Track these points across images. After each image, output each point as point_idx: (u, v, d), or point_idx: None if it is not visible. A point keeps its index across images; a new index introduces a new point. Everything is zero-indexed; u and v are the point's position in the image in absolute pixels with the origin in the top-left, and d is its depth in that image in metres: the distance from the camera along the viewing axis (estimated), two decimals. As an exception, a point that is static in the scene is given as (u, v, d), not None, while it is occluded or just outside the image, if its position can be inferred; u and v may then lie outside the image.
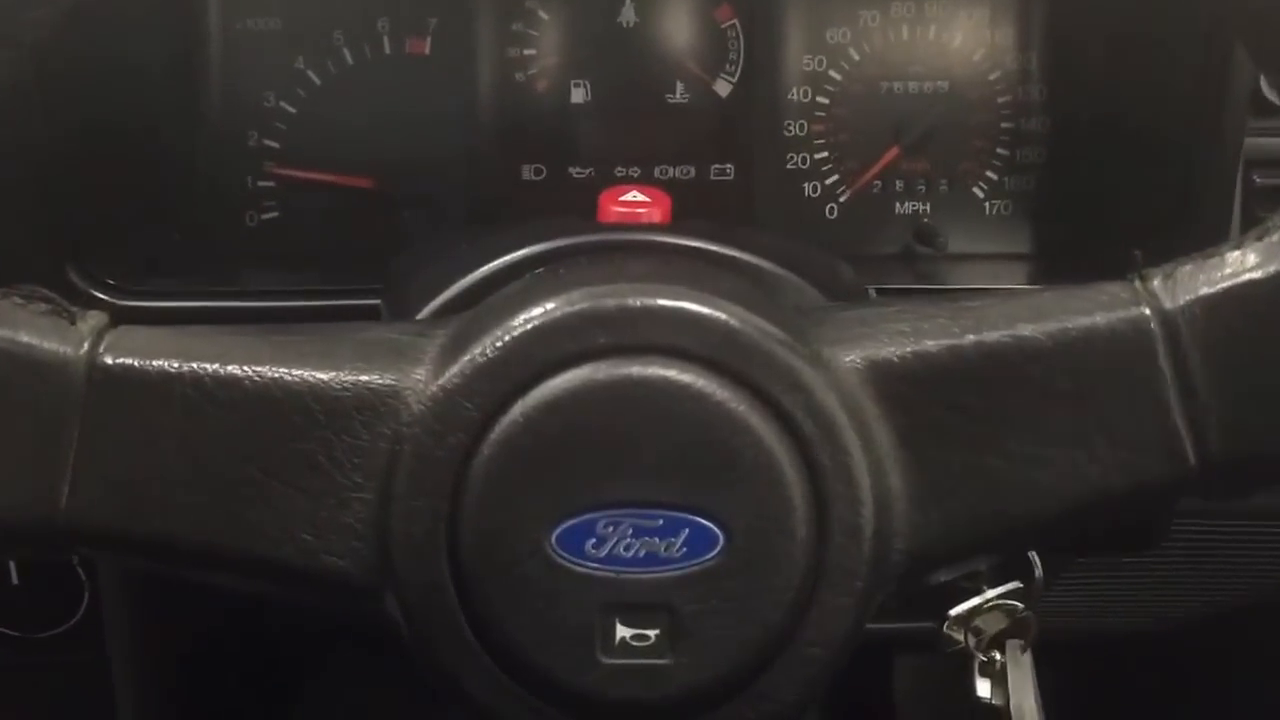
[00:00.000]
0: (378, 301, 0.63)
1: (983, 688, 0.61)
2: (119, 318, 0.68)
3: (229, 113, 0.80)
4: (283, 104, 0.80)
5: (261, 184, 0.81)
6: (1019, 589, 0.59)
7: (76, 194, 0.69)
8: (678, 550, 0.43)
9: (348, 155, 0.80)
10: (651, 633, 0.43)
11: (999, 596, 0.57)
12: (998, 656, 0.60)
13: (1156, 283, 0.45)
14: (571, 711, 0.43)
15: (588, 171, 0.81)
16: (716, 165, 0.82)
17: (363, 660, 0.83)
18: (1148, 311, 0.44)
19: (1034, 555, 0.61)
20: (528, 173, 0.82)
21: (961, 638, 0.59)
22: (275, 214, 0.82)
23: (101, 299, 0.68)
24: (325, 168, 0.81)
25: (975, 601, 0.57)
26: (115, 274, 0.70)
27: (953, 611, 0.57)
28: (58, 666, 0.81)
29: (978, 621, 0.59)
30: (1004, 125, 0.82)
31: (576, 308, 0.43)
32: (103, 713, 0.81)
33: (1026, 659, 0.61)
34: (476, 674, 0.43)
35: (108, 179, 0.72)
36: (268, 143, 0.81)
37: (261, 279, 0.77)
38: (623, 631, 0.43)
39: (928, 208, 0.83)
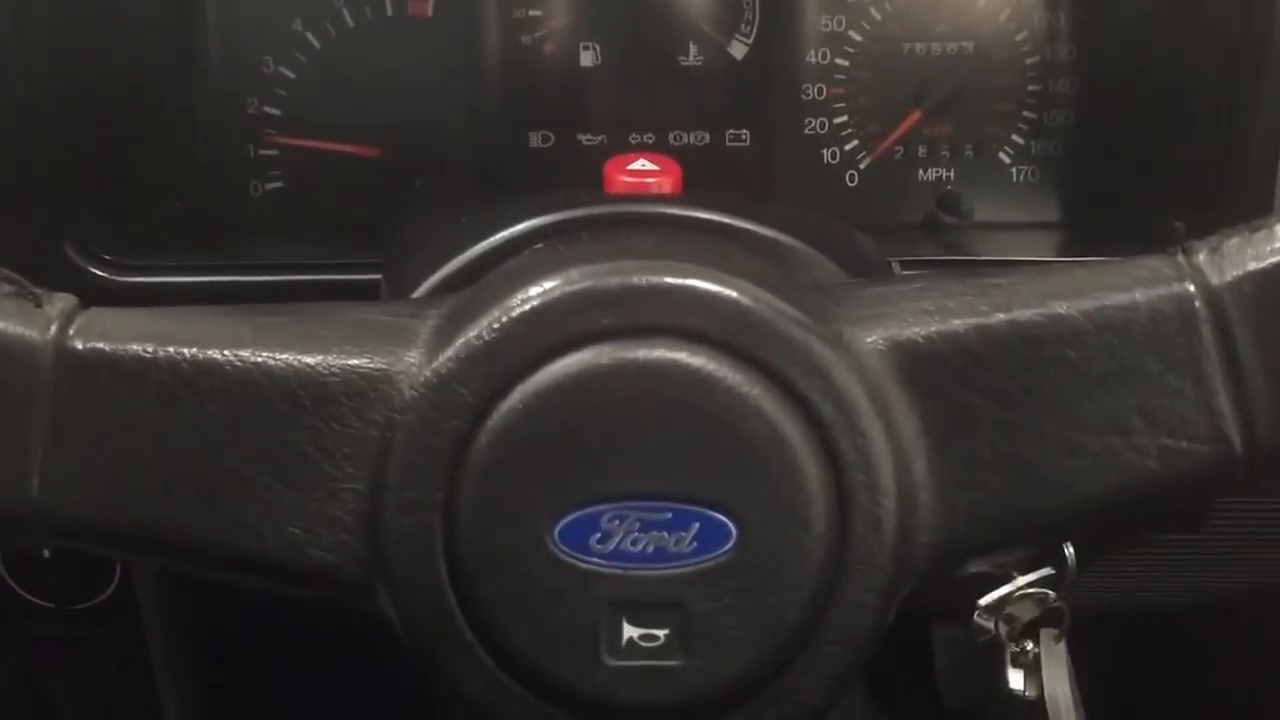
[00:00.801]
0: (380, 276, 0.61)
1: (1015, 679, 0.59)
2: (117, 295, 0.67)
3: (227, 78, 0.78)
4: (282, 69, 0.78)
5: (264, 153, 0.79)
6: (1051, 576, 0.56)
7: (70, 165, 0.66)
8: (688, 545, 0.40)
9: (351, 122, 0.78)
10: (661, 633, 0.40)
11: (1030, 584, 0.55)
12: (1030, 646, 0.58)
13: (1202, 257, 0.42)
14: (576, 716, 0.41)
15: (599, 138, 0.79)
16: (732, 131, 0.79)
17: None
18: (1192, 288, 0.42)
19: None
20: (536, 140, 0.79)
21: (992, 626, 0.57)
22: (280, 184, 0.79)
23: (98, 275, 0.66)
24: (329, 136, 0.78)
25: (1006, 590, 0.54)
26: (112, 249, 0.67)
27: (982, 601, 0.54)
28: (95, 637, 0.80)
29: (1009, 610, 0.56)
30: (1031, 87, 0.79)
31: (578, 287, 0.41)
32: (142, 681, 0.81)
33: (1061, 648, 0.58)
34: (476, 676, 0.41)
35: (102, 148, 0.69)
36: (268, 110, 0.79)
37: (267, 252, 0.75)
38: (630, 631, 0.40)
39: (951, 174, 0.81)
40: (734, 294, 0.41)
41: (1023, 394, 0.42)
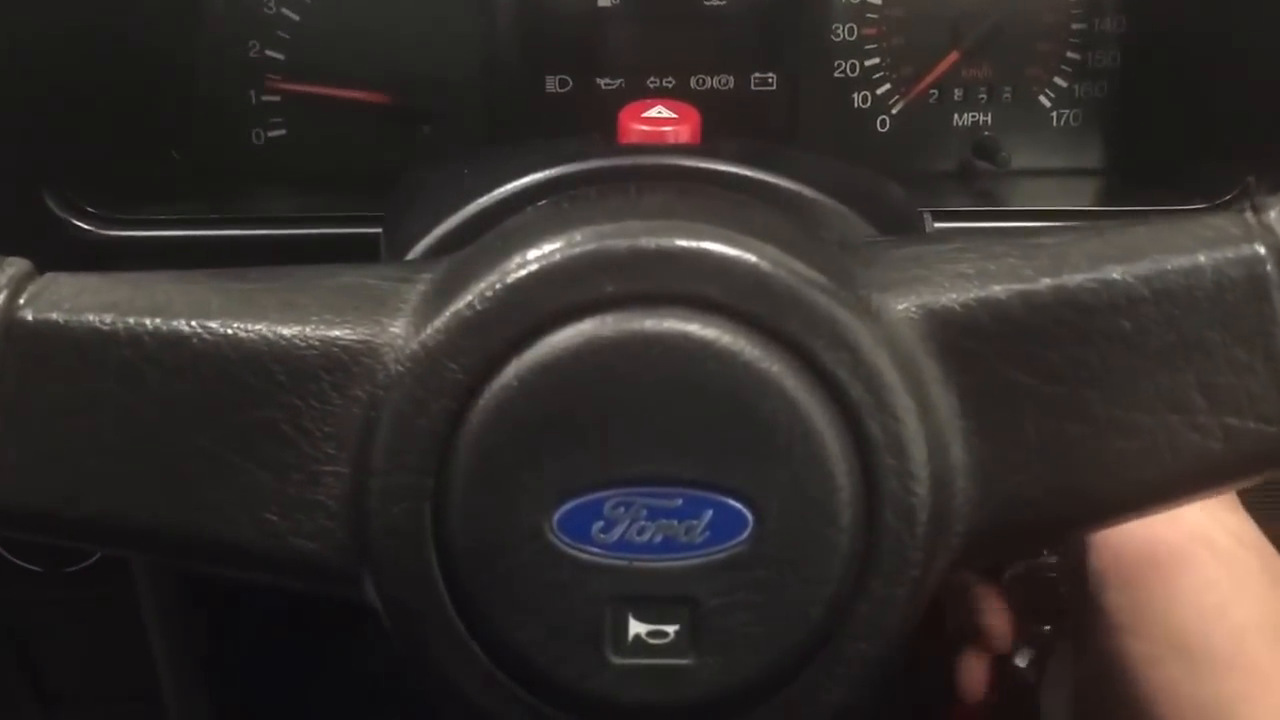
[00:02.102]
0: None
1: (1021, 658, 0.56)
2: (103, 250, 0.64)
3: (227, 21, 0.74)
4: (284, 10, 0.75)
5: (266, 99, 0.76)
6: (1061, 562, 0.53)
7: (52, 108, 0.63)
8: (699, 534, 0.36)
9: (357, 67, 0.75)
10: (670, 629, 0.37)
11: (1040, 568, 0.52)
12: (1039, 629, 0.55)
13: (1273, 215, 0.38)
14: (579, 717, 0.38)
15: (617, 83, 0.75)
16: (757, 75, 0.75)
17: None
18: (1262, 250, 0.37)
19: None
20: (552, 84, 0.75)
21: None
22: (282, 132, 0.76)
23: (81, 229, 0.62)
24: (333, 81, 0.75)
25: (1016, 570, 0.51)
26: (99, 201, 0.64)
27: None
28: (86, 600, 0.79)
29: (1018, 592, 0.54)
30: (1075, 25, 0.75)
31: (580, 250, 0.37)
32: (135, 644, 0.79)
33: (1066, 646, 0.55)
34: (470, 674, 0.38)
35: (89, 90, 0.66)
36: (270, 54, 0.75)
37: (267, 204, 0.72)
38: (637, 628, 0.37)
39: (988, 119, 0.77)
40: (752, 258, 0.37)
41: (1071, 368, 0.38)
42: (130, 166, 0.69)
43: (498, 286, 0.37)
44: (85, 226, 0.63)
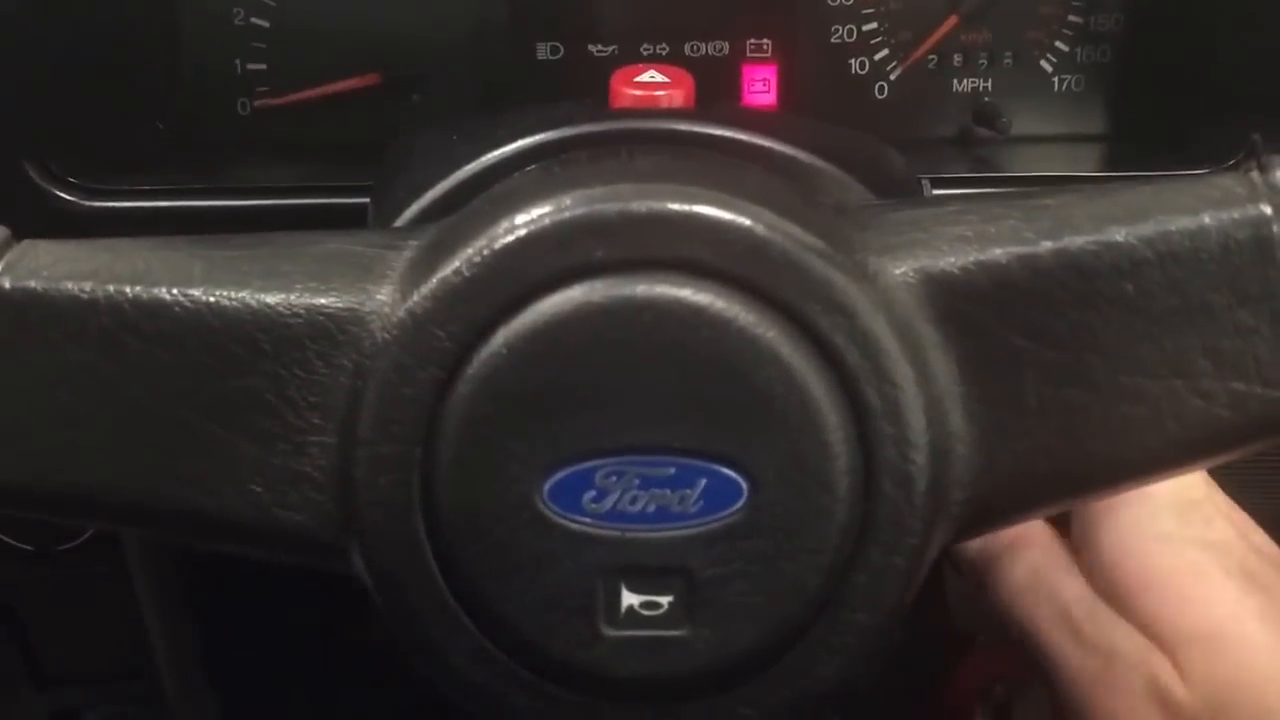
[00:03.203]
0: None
1: None
2: (85, 220, 0.63)
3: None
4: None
5: (252, 67, 0.74)
6: None
7: (31, 74, 0.62)
8: (693, 504, 0.36)
9: (346, 34, 0.73)
10: (664, 600, 0.36)
11: None
12: None
13: None
14: (572, 689, 0.37)
15: (610, 49, 0.74)
16: (753, 41, 0.74)
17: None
18: (1269, 210, 0.36)
19: None
20: (543, 51, 0.74)
21: None
22: (270, 99, 0.75)
23: (63, 199, 0.61)
24: (320, 47, 0.73)
25: None
26: (81, 171, 0.63)
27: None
28: (81, 578, 0.78)
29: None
30: (1078, -13, 0.74)
31: (570, 214, 0.36)
32: (128, 622, 0.78)
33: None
34: (460, 648, 0.37)
35: (71, 59, 0.64)
36: (256, 21, 0.74)
37: (255, 174, 0.70)
38: (630, 599, 0.36)
39: (989, 85, 0.75)
40: (746, 221, 0.36)
41: (1073, 333, 0.37)
42: (113, 136, 0.67)
43: (486, 252, 0.36)
44: (67, 197, 0.62)
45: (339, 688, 0.96)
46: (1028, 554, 0.51)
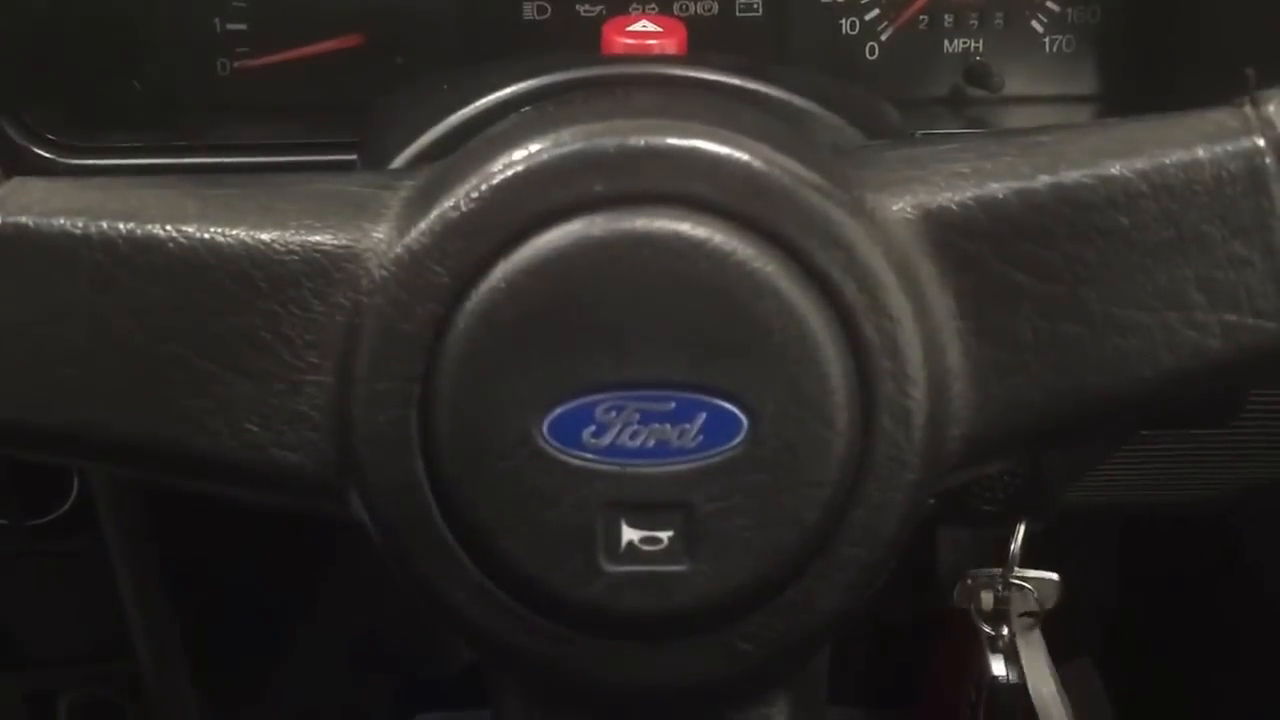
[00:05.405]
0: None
1: (997, 666, 0.56)
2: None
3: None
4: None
5: (232, 27, 0.74)
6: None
7: (9, 30, 0.61)
8: (693, 438, 0.36)
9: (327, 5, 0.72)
10: (664, 535, 0.36)
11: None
12: (1006, 631, 0.55)
13: (1272, 108, 0.37)
14: (572, 626, 0.37)
15: (598, 9, 0.73)
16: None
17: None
18: (1262, 142, 0.37)
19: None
20: (530, 10, 0.73)
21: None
22: (249, 61, 0.74)
23: (41, 156, 0.61)
24: (301, 7, 0.73)
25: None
26: (58, 128, 0.62)
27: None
28: (55, 554, 0.77)
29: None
30: (1070, -55, 0.73)
31: (568, 149, 0.36)
32: (105, 597, 0.78)
33: (1036, 636, 0.55)
34: (459, 585, 0.37)
35: (49, 15, 0.64)
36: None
37: (236, 133, 0.69)
38: (630, 534, 0.36)
39: (980, 45, 0.75)
40: (744, 156, 0.36)
41: (1069, 266, 0.37)
42: (92, 95, 0.67)
43: (484, 188, 0.36)
44: (45, 154, 0.61)
45: (319, 667, 0.96)
46: None
